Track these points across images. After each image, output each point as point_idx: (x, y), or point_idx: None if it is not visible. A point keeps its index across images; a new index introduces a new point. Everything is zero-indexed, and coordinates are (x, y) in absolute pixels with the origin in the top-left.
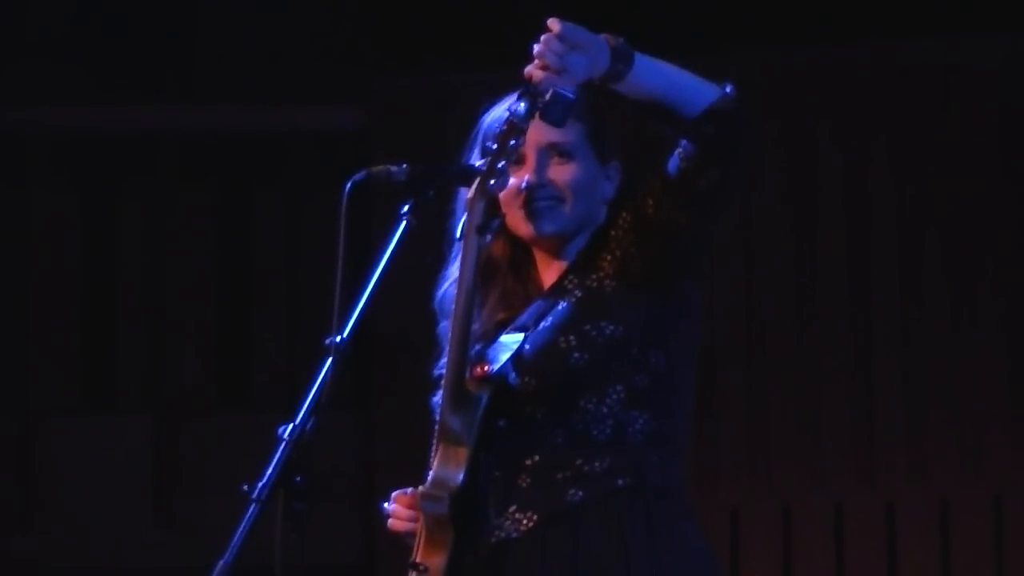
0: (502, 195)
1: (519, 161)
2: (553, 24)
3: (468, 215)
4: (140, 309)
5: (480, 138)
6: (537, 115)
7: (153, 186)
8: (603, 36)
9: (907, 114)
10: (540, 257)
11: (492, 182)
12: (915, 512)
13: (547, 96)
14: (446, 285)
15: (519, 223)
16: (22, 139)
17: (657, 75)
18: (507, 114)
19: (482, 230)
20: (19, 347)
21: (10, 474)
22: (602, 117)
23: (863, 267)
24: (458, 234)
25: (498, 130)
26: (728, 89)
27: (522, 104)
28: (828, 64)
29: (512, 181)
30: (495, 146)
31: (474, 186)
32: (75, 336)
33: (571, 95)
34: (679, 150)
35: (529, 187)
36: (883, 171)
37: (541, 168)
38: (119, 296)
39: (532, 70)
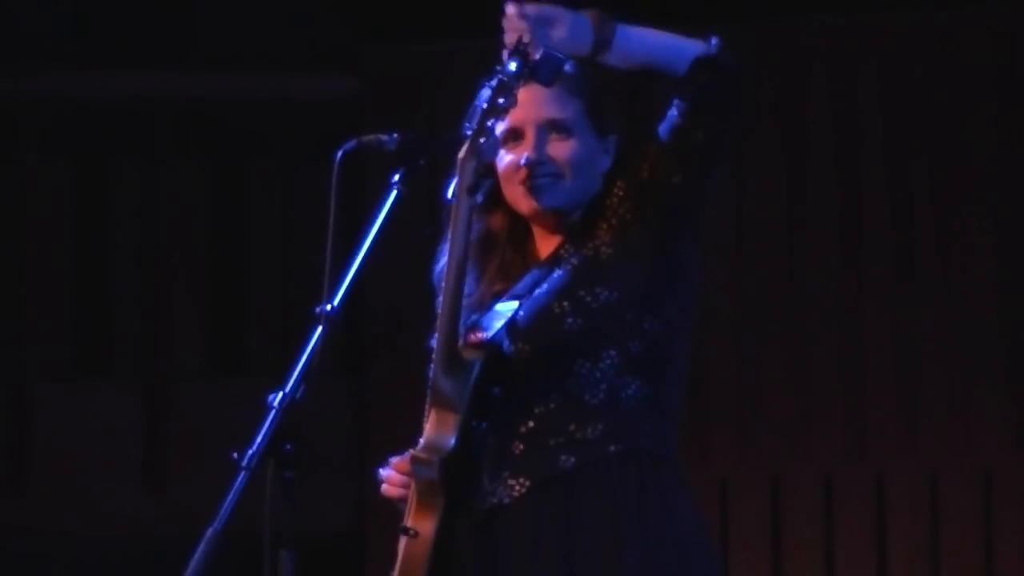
0: (501, 171)
1: (517, 138)
2: (510, 8)
3: (459, 175)
4: (133, 276)
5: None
6: (527, 74)
7: (146, 154)
8: (583, 11)
9: (900, 81)
10: (538, 232)
11: (482, 140)
12: (905, 482)
13: (537, 56)
14: (442, 261)
15: (519, 199)
16: (15, 107)
17: (643, 40)
18: (498, 73)
19: (473, 190)
20: (12, 314)
21: (3, 440)
22: (600, 93)
23: (855, 239)
24: (450, 195)
25: (489, 90)
26: (713, 41)
27: (512, 63)
28: (822, 34)
29: (511, 158)
30: (486, 105)
31: (465, 146)
32: (68, 303)
33: (561, 55)
34: (673, 108)
35: (529, 163)
36: (876, 143)
37: (540, 144)
38: (112, 263)
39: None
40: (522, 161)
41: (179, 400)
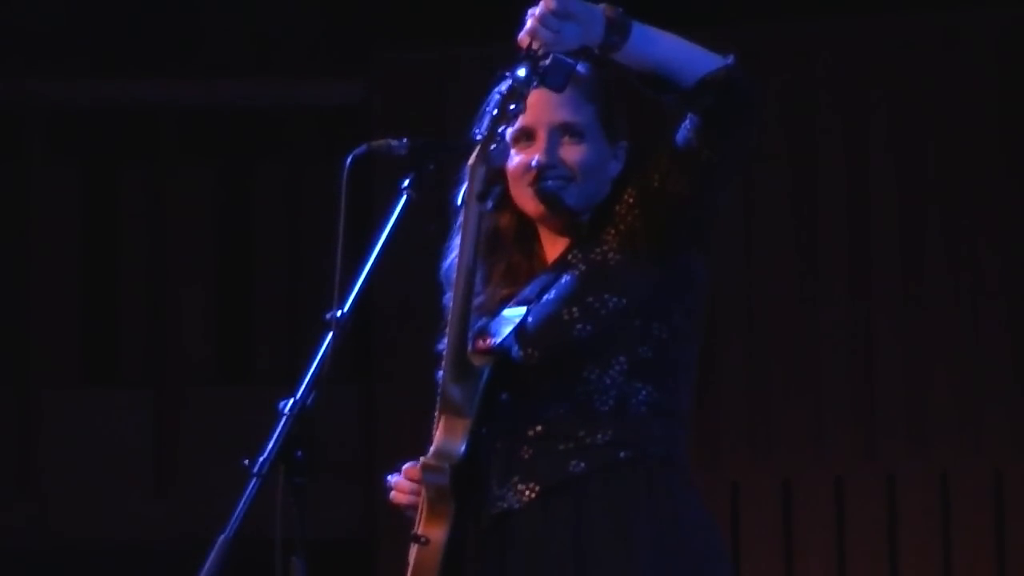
0: (511, 171)
1: (529, 139)
2: (534, 9)
3: (469, 181)
4: (141, 282)
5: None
6: (537, 80)
7: (154, 160)
8: (601, 6)
9: (907, 84)
10: (545, 234)
11: (493, 147)
12: (915, 485)
13: (547, 61)
14: (451, 257)
15: (526, 200)
16: (22, 113)
17: (655, 45)
18: (508, 79)
19: (483, 197)
20: (21, 320)
21: (12, 446)
22: (612, 98)
23: (863, 241)
24: (459, 201)
25: (499, 96)
26: (730, 60)
27: (522, 69)
28: (829, 36)
29: (522, 158)
30: (496, 111)
31: (475, 152)
32: (76, 309)
33: (571, 61)
34: (685, 123)
35: (539, 166)
36: (882, 143)
37: (552, 147)
38: (120, 269)
39: (523, 37)
40: (532, 163)
41: (188, 406)
